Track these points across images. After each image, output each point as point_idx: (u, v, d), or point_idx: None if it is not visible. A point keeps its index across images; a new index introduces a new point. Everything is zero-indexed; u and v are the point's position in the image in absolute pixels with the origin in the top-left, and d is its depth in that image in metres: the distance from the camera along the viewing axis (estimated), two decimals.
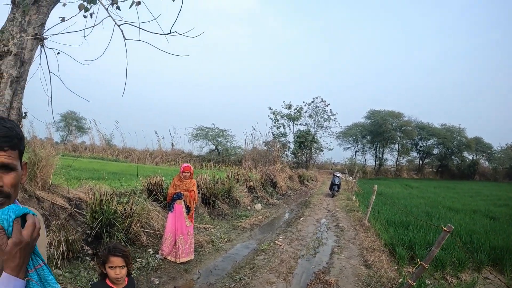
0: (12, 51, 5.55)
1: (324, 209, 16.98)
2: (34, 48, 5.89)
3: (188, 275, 7.05)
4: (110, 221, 7.18)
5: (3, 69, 5.53)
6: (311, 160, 52.12)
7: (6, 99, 5.56)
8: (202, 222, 11.06)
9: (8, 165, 1.49)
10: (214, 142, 41.89)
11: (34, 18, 5.71)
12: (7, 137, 1.48)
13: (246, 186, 17.37)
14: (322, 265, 7.99)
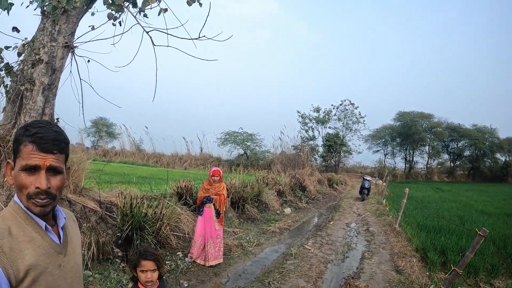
0: (43, 60, 5.66)
1: (354, 213, 16.81)
2: (64, 56, 6.00)
3: (217, 279, 7.06)
4: (140, 224, 7.26)
5: (35, 77, 5.65)
6: (340, 164, 51.40)
7: (39, 106, 5.67)
8: (231, 226, 11.08)
9: (56, 169, 1.55)
10: (243, 147, 41.78)
11: (63, 27, 5.82)
12: (56, 140, 1.55)
13: (275, 190, 17.33)
14: (352, 270, 7.90)
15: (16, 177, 1.53)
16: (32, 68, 5.71)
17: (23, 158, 1.50)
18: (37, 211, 1.53)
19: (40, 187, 1.49)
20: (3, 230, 1.47)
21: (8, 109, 5.76)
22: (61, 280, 1.59)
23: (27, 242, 1.50)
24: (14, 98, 5.64)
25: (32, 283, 1.46)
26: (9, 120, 5.74)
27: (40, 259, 1.50)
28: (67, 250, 1.68)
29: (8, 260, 1.41)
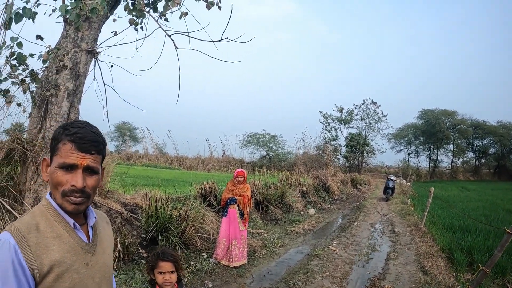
0: (67, 66, 5.76)
1: (378, 214, 16.69)
2: (88, 62, 6.09)
3: (241, 279, 7.08)
4: (165, 225, 7.34)
5: (60, 83, 5.74)
6: (363, 164, 50.64)
7: (64, 111, 5.77)
8: (255, 227, 11.10)
9: (93, 169, 1.59)
10: (265, 148, 41.69)
11: (86, 34, 5.91)
12: (95, 142, 1.59)
13: (299, 191, 17.30)
14: (377, 271, 7.84)
15: (52, 174, 1.56)
16: (57, 74, 5.81)
17: (61, 156, 1.54)
18: (70, 208, 1.56)
19: (76, 186, 1.53)
20: (31, 226, 1.51)
21: (34, 114, 5.86)
22: (88, 279, 1.62)
23: (54, 238, 1.54)
24: (40, 104, 5.74)
25: (57, 279, 1.49)
26: (35, 125, 5.84)
27: (66, 256, 1.53)
28: (96, 250, 1.71)
29: (33, 254, 1.45)
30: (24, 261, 1.42)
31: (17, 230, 1.47)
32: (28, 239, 1.46)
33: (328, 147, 40.86)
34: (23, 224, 1.51)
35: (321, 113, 50.42)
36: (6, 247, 1.42)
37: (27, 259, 1.43)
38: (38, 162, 5.54)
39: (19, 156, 5.68)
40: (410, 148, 60.60)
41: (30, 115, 5.86)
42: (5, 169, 5.73)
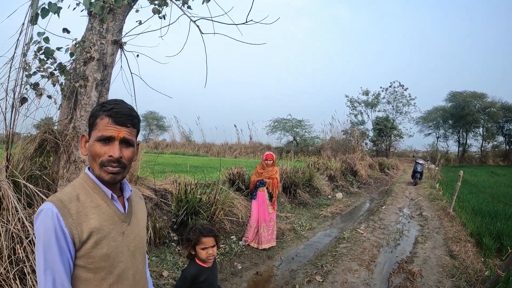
0: (94, 57, 5.88)
1: (407, 198, 16.57)
2: (114, 52, 6.20)
3: (270, 261, 7.20)
4: (195, 209, 7.47)
5: (88, 74, 5.87)
6: (391, 148, 49.85)
7: (93, 101, 5.90)
8: (283, 211, 11.19)
9: (128, 141, 1.70)
10: (292, 133, 41.45)
11: (111, 25, 6.01)
12: (130, 116, 1.70)
13: (326, 175, 17.33)
14: (405, 254, 7.83)
15: (91, 147, 1.67)
16: (84, 65, 5.93)
17: (99, 130, 1.65)
18: (108, 178, 1.67)
19: (113, 156, 1.64)
20: (72, 196, 1.63)
21: (64, 105, 5.99)
22: (124, 247, 1.73)
23: (93, 207, 1.66)
24: (69, 95, 5.87)
25: (95, 246, 1.60)
26: (66, 116, 5.98)
27: (104, 224, 1.65)
28: (131, 220, 1.82)
29: (74, 221, 1.57)
30: (66, 228, 1.54)
31: (59, 200, 1.59)
32: (70, 208, 1.58)
33: (355, 131, 40.28)
34: (64, 194, 1.63)
35: (347, 97, 49.63)
36: (49, 215, 1.53)
37: (68, 226, 1.55)
38: (70, 151, 5.69)
39: (51, 146, 5.84)
40: (438, 132, 59.13)
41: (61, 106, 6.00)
42: (38, 159, 5.89)
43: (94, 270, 1.62)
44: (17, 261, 3.85)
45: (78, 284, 1.62)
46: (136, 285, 1.82)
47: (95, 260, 1.61)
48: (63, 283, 1.55)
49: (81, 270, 1.61)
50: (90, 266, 1.61)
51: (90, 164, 1.72)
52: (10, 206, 4.20)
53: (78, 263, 1.60)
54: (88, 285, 1.63)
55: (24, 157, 5.61)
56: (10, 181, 4.60)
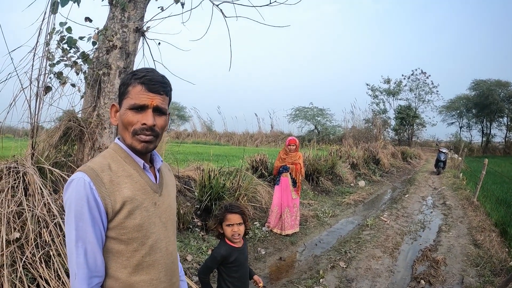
0: (117, 45, 5.92)
1: (430, 187, 16.42)
2: (136, 40, 6.24)
3: (293, 247, 7.23)
4: (219, 194, 7.51)
5: (111, 62, 5.92)
6: (413, 137, 48.44)
7: (117, 88, 5.94)
8: (306, 198, 11.22)
9: (161, 109, 1.66)
10: (313, 122, 41.32)
11: (132, 13, 6.05)
12: (163, 83, 1.66)
13: (349, 163, 17.31)
14: (429, 242, 7.78)
15: (122, 116, 1.64)
16: (107, 54, 5.98)
17: (132, 98, 1.61)
18: (140, 147, 1.63)
19: (147, 123, 1.59)
20: (104, 165, 1.60)
21: (88, 94, 6.06)
22: (156, 218, 1.70)
23: (126, 177, 1.63)
24: (93, 84, 5.93)
25: (128, 216, 1.58)
26: (89, 104, 6.04)
27: (136, 194, 1.62)
28: (162, 191, 1.79)
29: (107, 191, 1.54)
30: (99, 198, 1.52)
31: (90, 169, 1.56)
32: (102, 177, 1.56)
33: (377, 120, 39.80)
34: (96, 164, 1.60)
35: (368, 85, 48.58)
36: (81, 185, 1.50)
37: (101, 195, 1.53)
38: (94, 139, 5.76)
39: (75, 134, 5.91)
40: (462, 121, 56.83)
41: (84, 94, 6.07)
42: (62, 147, 5.96)
43: (126, 242, 1.60)
44: (42, 245, 3.91)
45: (109, 256, 1.61)
46: (169, 256, 1.80)
47: (127, 231, 1.59)
48: (95, 255, 1.55)
49: (112, 242, 1.60)
50: (123, 237, 1.59)
51: (121, 133, 1.69)
52: (36, 192, 4.26)
53: (110, 235, 1.59)
54: (120, 257, 1.61)
55: (49, 145, 5.69)
56: (36, 168, 4.66)
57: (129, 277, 1.63)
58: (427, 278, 5.78)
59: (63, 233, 4.04)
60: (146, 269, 1.67)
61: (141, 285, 1.66)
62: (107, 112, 5.86)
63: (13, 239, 3.84)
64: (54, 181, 4.85)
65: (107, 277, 1.62)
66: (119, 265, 1.62)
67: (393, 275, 5.97)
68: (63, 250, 3.89)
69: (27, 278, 3.65)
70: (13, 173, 4.49)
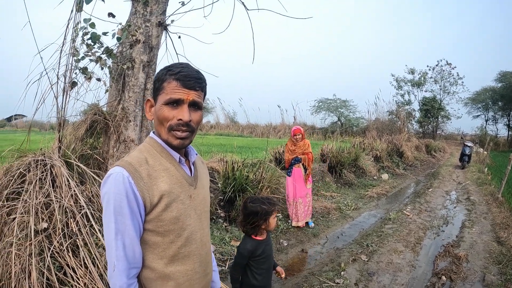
0: (140, 40, 6.02)
1: (454, 181, 16.20)
2: (159, 34, 6.33)
3: (315, 239, 7.28)
4: (242, 186, 7.60)
5: (134, 56, 6.01)
6: (437, 130, 47.27)
7: (141, 82, 6.05)
8: (328, 190, 11.28)
9: (197, 104, 1.69)
10: (337, 113, 40.96)
11: (154, 8, 6.13)
12: (199, 79, 1.69)
13: (372, 155, 17.21)
14: (451, 238, 7.70)
15: (158, 111, 1.66)
16: (131, 48, 6.07)
17: (167, 93, 1.63)
18: (176, 143, 1.67)
19: (183, 119, 1.62)
20: (141, 159, 1.65)
21: (112, 88, 6.16)
22: (191, 210, 1.75)
23: (162, 170, 1.67)
24: (117, 78, 6.03)
25: (165, 208, 1.62)
26: (114, 98, 6.15)
27: (173, 187, 1.67)
28: (197, 184, 1.83)
29: (145, 185, 1.59)
30: (138, 191, 1.56)
31: (128, 163, 1.61)
32: (141, 171, 1.60)
33: (401, 112, 39.19)
34: (133, 158, 1.64)
35: (393, 76, 47.49)
36: (119, 179, 1.55)
37: (140, 189, 1.57)
38: (120, 131, 5.86)
39: (101, 127, 6.02)
40: (487, 114, 54.78)
41: (110, 88, 6.17)
42: (88, 140, 6.08)
43: (163, 234, 1.65)
44: (70, 235, 4.01)
45: (146, 248, 1.66)
46: (203, 247, 1.85)
47: (164, 223, 1.64)
48: (134, 247, 1.60)
49: (149, 234, 1.65)
50: (160, 229, 1.64)
51: (157, 128, 1.72)
52: (63, 184, 4.36)
53: (147, 227, 1.64)
54: (157, 249, 1.67)
55: (75, 138, 5.81)
56: (63, 161, 4.77)
57: (165, 267, 1.68)
58: (448, 274, 5.76)
59: (90, 224, 4.16)
60: (181, 260, 1.72)
61: (177, 276, 1.71)
62: (131, 106, 5.95)
63: (41, 229, 3.96)
64: (81, 173, 4.96)
65: (143, 267, 1.68)
66: (156, 256, 1.67)
67: (414, 270, 5.96)
68: (89, 240, 4.00)
69: (54, 266, 3.77)
70: (41, 166, 4.61)
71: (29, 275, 3.63)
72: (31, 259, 3.68)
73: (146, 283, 1.70)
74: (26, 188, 4.34)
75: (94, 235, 4.15)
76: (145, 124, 6.24)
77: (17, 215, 4.03)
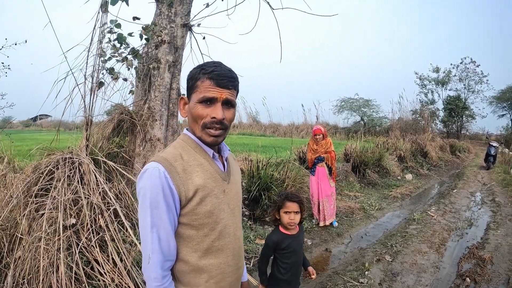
0: (165, 40, 6.12)
1: (479, 182, 15.94)
2: (184, 35, 6.42)
3: (339, 239, 7.30)
4: (267, 185, 7.62)
5: (160, 56, 6.11)
6: (462, 130, 46.27)
7: (166, 81, 6.14)
8: (352, 190, 11.27)
9: (231, 102, 1.73)
10: (359, 113, 40.57)
11: (179, 9, 6.22)
12: (232, 78, 1.72)
13: (396, 155, 17.05)
14: (476, 240, 7.60)
15: (192, 109, 1.71)
16: (156, 49, 6.17)
17: (201, 92, 1.67)
18: (210, 140, 1.72)
19: (216, 117, 1.66)
20: (176, 155, 1.70)
21: (139, 87, 6.26)
22: (224, 205, 1.79)
23: (197, 166, 1.72)
24: (143, 78, 6.12)
25: (200, 203, 1.67)
26: (140, 98, 6.25)
27: (207, 182, 1.71)
28: (230, 179, 1.89)
29: (181, 179, 1.64)
30: (174, 186, 1.61)
31: (164, 159, 1.66)
32: (176, 166, 1.65)
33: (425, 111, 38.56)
34: (168, 154, 1.69)
35: (417, 74, 46.95)
36: (155, 174, 1.59)
37: (176, 183, 1.61)
38: (146, 130, 5.95)
39: (127, 126, 6.11)
40: None
41: (136, 87, 6.26)
42: (115, 139, 6.19)
43: (197, 227, 1.69)
44: (97, 230, 4.10)
45: (180, 241, 1.71)
46: (236, 241, 1.89)
47: (199, 217, 1.68)
48: (169, 240, 1.65)
49: (184, 228, 1.69)
50: (194, 223, 1.68)
51: (191, 125, 1.77)
52: (91, 181, 4.45)
53: (182, 221, 1.68)
54: (191, 242, 1.71)
55: (102, 136, 5.92)
56: (90, 158, 4.86)
57: (199, 260, 1.73)
58: (473, 276, 5.71)
59: (117, 220, 4.25)
60: (215, 253, 1.76)
61: (210, 269, 1.75)
62: (157, 105, 6.04)
63: (69, 224, 4.06)
64: (107, 170, 5.05)
65: (177, 260, 1.73)
66: (190, 249, 1.72)
67: (439, 271, 5.92)
68: (117, 236, 4.08)
69: (82, 261, 3.87)
70: (69, 163, 4.70)
71: (57, 269, 3.72)
72: (59, 253, 3.76)
73: (180, 275, 1.74)
74: (54, 184, 4.44)
75: (121, 231, 4.24)
76: (170, 123, 6.32)
77: (46, 211, 4.13)
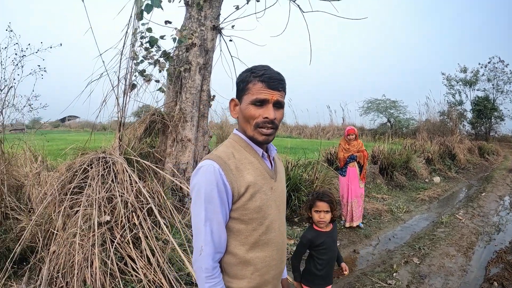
0: (196, 43, 6.24)
1: (508, 186, 15.65)
2: (214, 37, 6.54)
3: (367, 241, 7.32)
4: (296, 185, 7.71)
5: (191, 59, 6.24)
6: (491, 131, 44.45)
7: (197, 84, 6.25)
8: (380, 192, 11.24)
9: (281, 103, 1.83)
10: (386, 114, 40.19)
11: (208, 12, 6.34)
12: (281, 80, 1.84)
13: (424, 157, 16.90)
14: (504, 244, 7.50)
15: (244, 110, 1.81)
16: (187, 52, 6.30)
17: (253, 94, 1.78)
18: (261, 139, 1.82)
19: (269, 117, 1.77)
20: (229, 154, 1.82)
21: (170, 89, 6.39)
22: (272, 201, 1.89)
23: (248, 164, 1.83)
24: (175, 80, 6.25)
25: (250, 198, 1.77)
26: (171, 99, 6.38)
27: (257, 179, 1.82)
28: (277, 177, 1.99)
29: (234, 176, 1.75)
30: (227, 182, 1.72)
31: (218, 157, 1.78)
32: (229, 164, 1.77)
33: (453, 112, 37.80)
34: (221, 152, 1.81)
35: (444, 74, 45.74)
36: (210, 170, 1.71)
37: (229, 180, 1.73)
38: (177, 131, 6.07)
39: (158, 127, 6.25)
40: None
41: (168, 89, 6.39)
42: (146, 139, 6.33)
43: (246, 222, 1.80)
44: (131, 228, 4.23)
45: (230, 234, 1.81)
46: (281, 236, 1.99)
47: (249, 212, 1.78)
48: (221, 234, 1.76)
49: (234, 222, 1.80)
50: (244, 217, 1.79)
51: (243, 125, 1.87)
52: (125, 180, 4.59)
53: (232, 215, 1.79)
54: (240, 236, 1.82)
55: (134, 137, 6.06)
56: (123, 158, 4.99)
57: (246, 253, 1.83)
58: (500, 280, 5.67)
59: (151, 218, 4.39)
60: (261, 246, 1.87)
61: (256, 262, 1.85)
62: (188, 106, 6.16)
63: (104, 221, 4.20)
64: (140, 170, 5.18)
65: (226, 253, 1.83)
66: (238, 242, 1.82)
67: (466, 275, 5.90)
68: (150, 234, 4.21)
69: (116, 257, 4.01)
70: (102, 163, 4.85)
71: (91, 264, 3.87)
72: (94, 249, 3.92)
73: (227, 267, 1.85)
74: (89, 183, 4.61)
75: (154, 228, 4.35)
76: (201, 124, 6.43)
77: (81, 208, 4.28)
